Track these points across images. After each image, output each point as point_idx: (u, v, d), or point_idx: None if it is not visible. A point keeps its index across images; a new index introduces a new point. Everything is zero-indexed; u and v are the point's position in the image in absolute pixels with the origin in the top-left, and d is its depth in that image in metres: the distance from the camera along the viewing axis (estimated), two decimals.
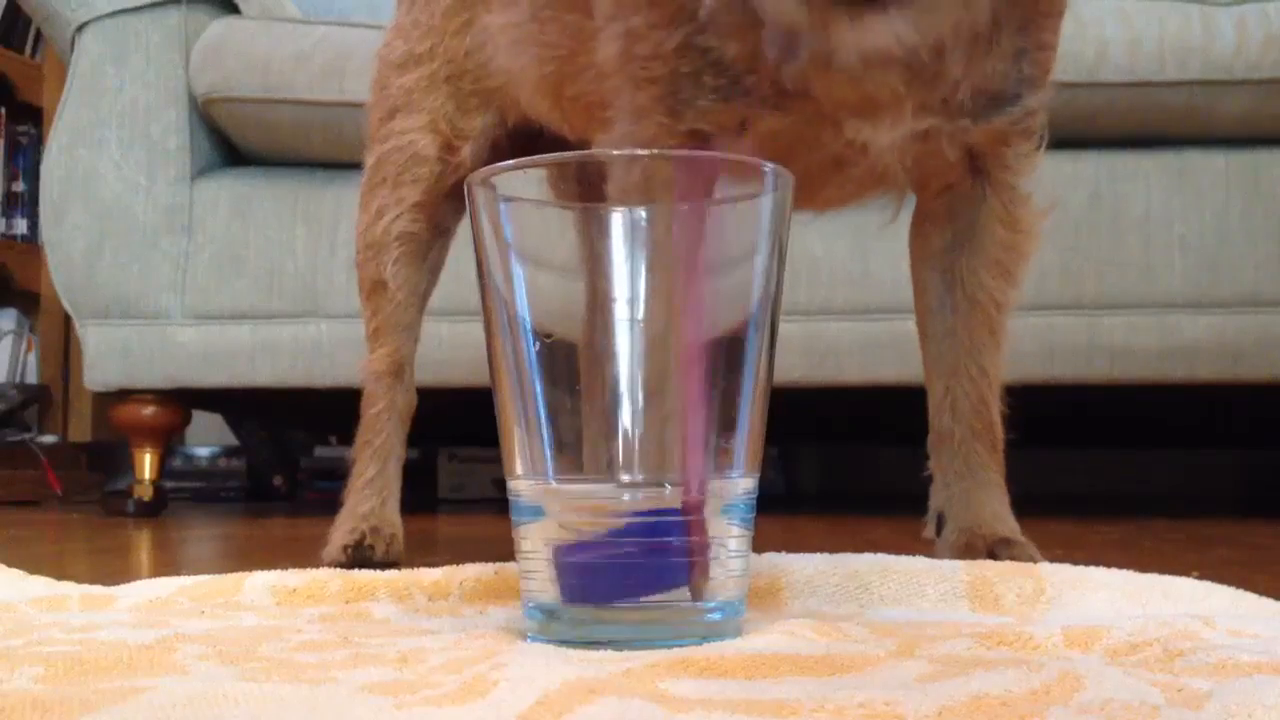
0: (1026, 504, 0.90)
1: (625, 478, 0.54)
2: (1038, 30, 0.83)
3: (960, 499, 0.90)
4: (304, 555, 1.04)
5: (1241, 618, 0.59)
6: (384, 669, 0.47)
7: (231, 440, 2.86)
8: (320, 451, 2.76)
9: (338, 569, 0.71)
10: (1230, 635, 0.54)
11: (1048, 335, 1.75)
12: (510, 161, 0.58)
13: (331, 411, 1.87)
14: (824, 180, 0.87)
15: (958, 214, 0.91)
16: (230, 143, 2.01)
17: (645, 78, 0.80)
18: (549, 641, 0.53)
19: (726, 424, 0.55)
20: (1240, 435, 2.63)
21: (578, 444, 0.55)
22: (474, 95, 1.09)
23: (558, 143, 1.07)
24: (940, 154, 0.84)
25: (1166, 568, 0.71)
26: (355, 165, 1.17)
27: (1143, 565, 0.70)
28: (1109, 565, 0.69)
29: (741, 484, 0.55)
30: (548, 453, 0.55)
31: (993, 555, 0.82)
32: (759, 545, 0.61)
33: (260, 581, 0.68)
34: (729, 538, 0.55)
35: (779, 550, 0.71)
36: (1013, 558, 0.80)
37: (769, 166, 0.57)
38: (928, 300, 0.94)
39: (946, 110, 0.80)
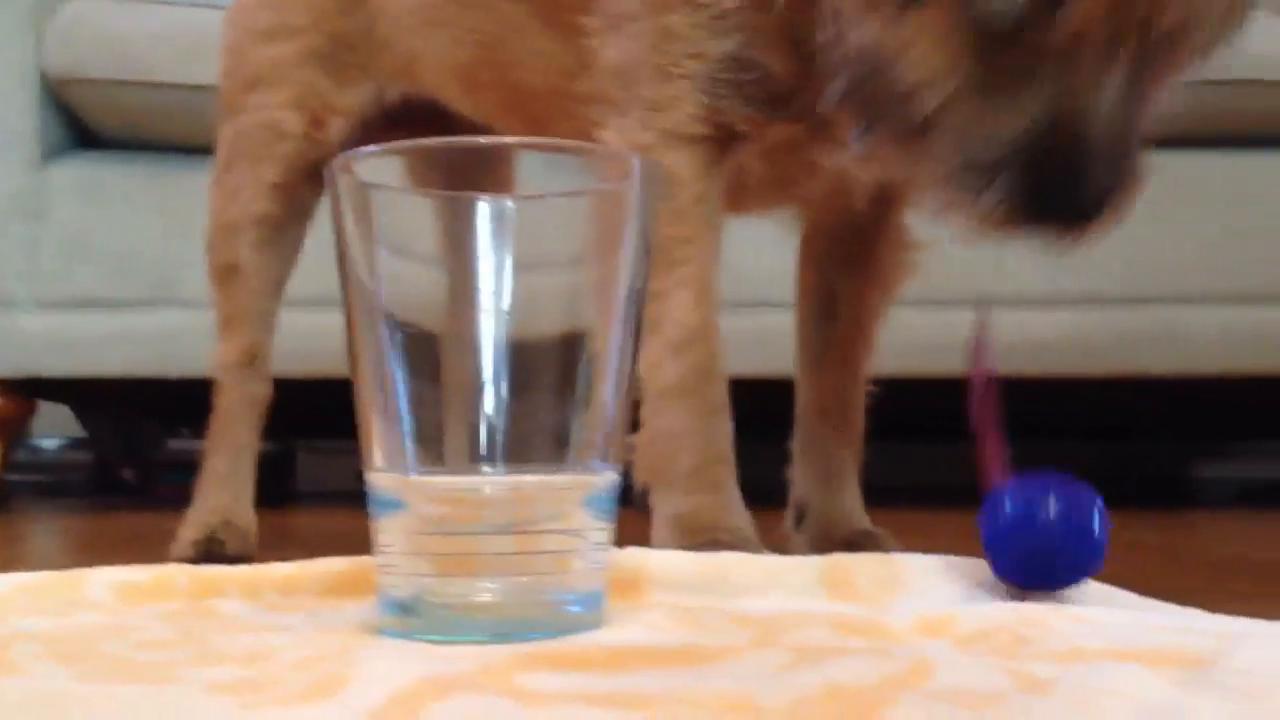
0: (882, 495, 0.92)
1: (488, 469, 0.53)
2: None
3: (820, 495, 0.93)
4: (152, 551, 1.01)
5: (1087, 604, 0.61)
6: (231, 667, 0.45)
7: (80, 431, 2.77)
8: (173, 444, 2.69)
9: (186, 565, 0.69)
10: (1076, 622, 0.55)
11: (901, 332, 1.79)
12: (373, 146, 0.56)
13: (185, 402, 1.82)
14: (790, 184, 0.89)
15: (854, 226, 0.93)
16: (84, 125, 1.94)
17: (679, 73, 0.79)
18: (405, 637, 0.52)
19: (590, 415, 0.55)
20: (1095, 428, 2.72)
21: (439, 435, 0.54)
22: (355, 68, 1.06)
23: (433, 121, 1.05)
24: None
25: None
26: (210, 150, 1.14)
27: None
28: (961, 554, 0.70)
29: (604, 476, 0.55)
30: (408, 444, 0.54)
31: (850, 546, 0.84)
32: (620, 538, 0.61)
33: (104, 578, 0.65)
34: (591, 530, 0.55)
35: (640, 543, 0.71)
36: (869, 547, 0.82)
37: (636, 158, 0.57)
38: (810, 304, 0.97)
39: None
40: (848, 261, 0.95)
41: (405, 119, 1.07)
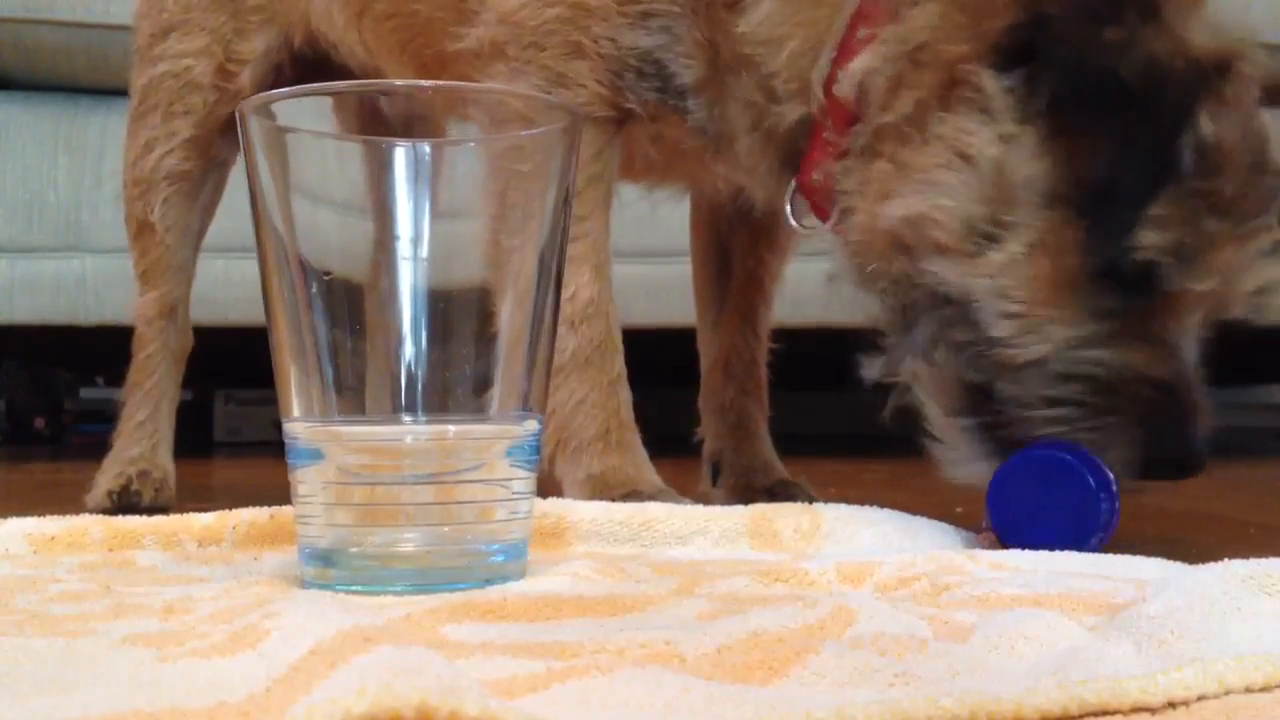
0: (801, 444, 0.94)
1: (409, 419, 0.53)
2: None
3: (732, 449, 0.95)
4: (67, 502, 0.99)
5: (1003, 552, 0.62)
6: (148, 619, 0.45)
7: None
8: (86, 393, 2.63)
9: (101, 515, 0.67)
10: (992, 569, 0.56)
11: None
12: (288, 89, 0.55)
13: (99, 350, 1.79)
14: (675, 169, 0.91)
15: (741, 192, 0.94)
16: None
17: (593, 50, 0.80)
18: (326, 588, 0.52)
19: (512, 365, 0.54)
20: None
21: (359, 384, 0.54)
22: (256, 12, 1.03)
23: (344, 68, 1.03)
24: None
25: (935, 505, 0.74)
26: (123, 92, 1.11)
27: (913, 503, 0.73)
28: (880, 504, 0.71)
29: (526, 425, 0.55)
30: (330, 394, 0.53)
31: (771, 495, 0.85)
32: (542, 489, 0.61)
33: (16, 529, 0.64)
34: (513, 480, 0.54)
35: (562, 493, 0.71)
36: (790, 497, 0.83)
37: (561, 104, 0.57)
38: (708, 270, 0.99)
39: None
40: (739, 219, 0.96)
41: (317, 68, 1.05)
